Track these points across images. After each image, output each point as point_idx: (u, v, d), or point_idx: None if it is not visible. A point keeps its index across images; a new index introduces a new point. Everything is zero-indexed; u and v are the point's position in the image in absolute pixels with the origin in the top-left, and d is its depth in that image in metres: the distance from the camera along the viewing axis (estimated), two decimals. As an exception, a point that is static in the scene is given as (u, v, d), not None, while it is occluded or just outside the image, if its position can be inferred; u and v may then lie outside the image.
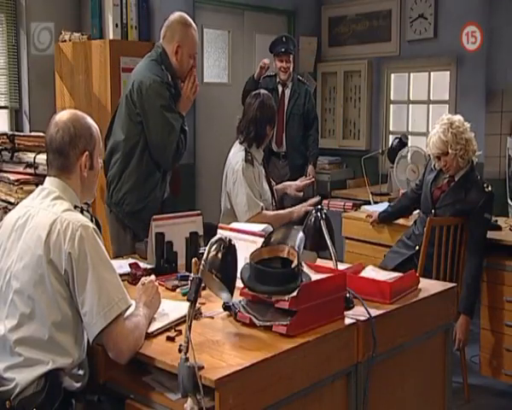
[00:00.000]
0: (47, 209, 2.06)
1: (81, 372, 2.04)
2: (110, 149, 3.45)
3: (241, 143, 3.76)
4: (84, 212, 2.16)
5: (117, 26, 4.84)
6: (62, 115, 2.17)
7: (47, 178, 2.18)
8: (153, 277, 2.33)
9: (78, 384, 2.02)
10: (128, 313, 2.08)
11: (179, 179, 3.64)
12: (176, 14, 3.46)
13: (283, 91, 5.54)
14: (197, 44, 3.51)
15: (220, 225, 2.80)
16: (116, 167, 3.40)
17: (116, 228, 3.47)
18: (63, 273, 1.96)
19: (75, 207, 2.12)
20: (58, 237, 1.98)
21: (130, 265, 2.74)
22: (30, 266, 1.99)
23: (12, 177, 3.67)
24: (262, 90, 3.91)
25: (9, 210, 2.81)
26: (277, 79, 5.54)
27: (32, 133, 4.14)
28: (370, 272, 2.60)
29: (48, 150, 2.17)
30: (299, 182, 4.13)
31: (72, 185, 2.15)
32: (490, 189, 3.67)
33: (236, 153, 3.76)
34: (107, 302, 1.95)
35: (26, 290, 1.99)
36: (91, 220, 2.16)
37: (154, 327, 2.09)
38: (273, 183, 3.96)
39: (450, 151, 3.63)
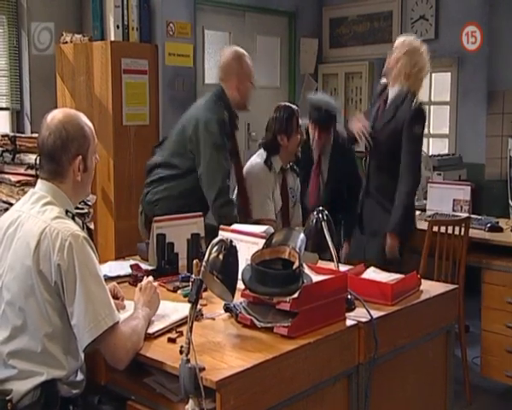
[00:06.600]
0: (37, 216, 1.99)
1: (79, 379, 2.01)
2: (156, 162, 3.55)
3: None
4: (76, 218, 2.08)
5: (118, 27, 4.84)
6: (54, 117, 2.08)
7: (39, 181, 2.11)
8: (150, 278, 2.31)
9: (76, 391, 2.00)
10: (126, 315, 2.08)
11: (247, 201, 3.75)
12: (226, 53, 3.61)
13: None
14: (252, 69, 3.61)
15: (222, 226, 2.80)
16: (157, 178, 3.51)
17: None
18: (53, 285, 1.91)
19: (67, 212, 2.04)
20: (47, 248, 1.92)
21: (131, 266, 2.74)
22: (20, 277, 1.95)
23: (13, 178, 3.67)
24: (283, 104, 3.89)
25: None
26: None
27: (34, 134, 4.13)
28: (371, 274, 2.60)
29: (40, 153, 2.10)
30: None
31: (64, 189, 2.07)
32: (419, 105, 3.60)
33: (258, 154, 3.87)
34: (93, 318, 1.90)
35: (17, 302, 1.94)
36: (82, 228, 2.11)
37: (155, 328, 2.09)
38: (292, 199, 3.92)
39: (395, 54, 3.62)
